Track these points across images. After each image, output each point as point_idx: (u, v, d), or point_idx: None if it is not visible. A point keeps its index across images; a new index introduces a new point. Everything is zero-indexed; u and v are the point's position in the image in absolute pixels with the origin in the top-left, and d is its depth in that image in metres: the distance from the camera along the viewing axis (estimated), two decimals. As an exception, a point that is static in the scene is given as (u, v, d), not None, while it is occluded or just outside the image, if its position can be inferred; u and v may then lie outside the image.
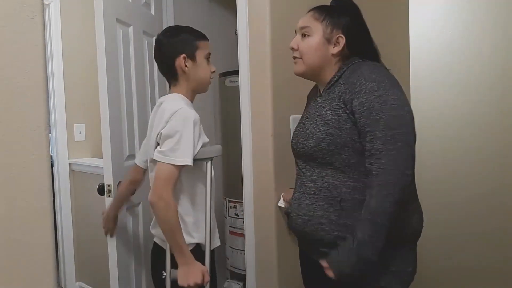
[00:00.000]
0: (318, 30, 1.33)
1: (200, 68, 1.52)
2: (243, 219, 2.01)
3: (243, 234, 1.98)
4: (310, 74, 1.38)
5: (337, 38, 1.32)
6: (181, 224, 1.43)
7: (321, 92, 1.39)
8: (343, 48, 1.33)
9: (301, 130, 1.39)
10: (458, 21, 2.18)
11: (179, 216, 1.43)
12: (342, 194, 1.26)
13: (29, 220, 0.96)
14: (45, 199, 0.98)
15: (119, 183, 1.81)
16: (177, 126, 1.40)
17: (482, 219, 2.10)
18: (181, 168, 1.40)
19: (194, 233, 1.47)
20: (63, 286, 3.08)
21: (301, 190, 1.38)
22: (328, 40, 1.33)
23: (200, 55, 1.52)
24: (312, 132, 1.32)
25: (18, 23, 0.94)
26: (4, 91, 0.92)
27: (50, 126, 2.90)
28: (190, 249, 1.45)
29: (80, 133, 3.05)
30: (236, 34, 1.88)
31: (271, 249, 1.77)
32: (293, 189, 1.66)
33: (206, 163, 1.47)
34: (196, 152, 1.42)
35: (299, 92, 1.83)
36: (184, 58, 1.49)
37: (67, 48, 2.99)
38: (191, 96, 1.56)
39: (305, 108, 1.51)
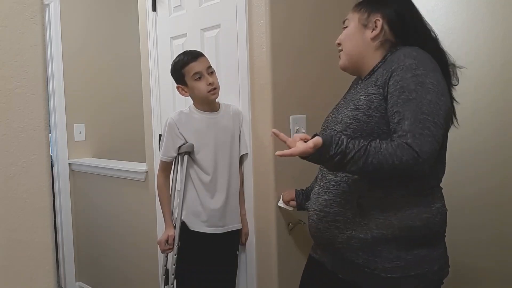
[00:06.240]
0: (354, 18, 1.30)
1: (194, 89, 1.73)
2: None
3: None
4: (352, 65, 1.31)
5: (375, 22, 1.26)
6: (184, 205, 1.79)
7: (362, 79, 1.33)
8: (381, 31, 1.25)
9: (333, 115, 1.32)
10: (458, 21, 2.18)
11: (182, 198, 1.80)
12: (360, 190, 1.19)
13: (29, 220, 0.96)
14: (45, 199, 0.98)
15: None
16: (163, 130, 1.80)
17: (482, 217, 2.10)
18: (162, 162, 1.80)
19: (183, 211, 1.79)
20: (63, 286, 3.08)
21: (322, 184, 1.32)
22: (365, 26, 1.27)
23: (188, 79, 1.72)
24: (341, 117, 1.25)
25: (18, 23, 0.94)
26: (4, 90, 0.92)
27: (50, 126, 2.90)
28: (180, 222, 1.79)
29: (80, 133, 3.05)
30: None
31: (271, 249, 1.77)
32: (293, 190, 1.66)
33: (182, 156, 1.79)
34: (176, 149, 1.75)
35: (299, 92, 1.83)
36: (179, 87, 1.78)
37: (67, 48, 2.99)
38: (204, 105, 1.78)
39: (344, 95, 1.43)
